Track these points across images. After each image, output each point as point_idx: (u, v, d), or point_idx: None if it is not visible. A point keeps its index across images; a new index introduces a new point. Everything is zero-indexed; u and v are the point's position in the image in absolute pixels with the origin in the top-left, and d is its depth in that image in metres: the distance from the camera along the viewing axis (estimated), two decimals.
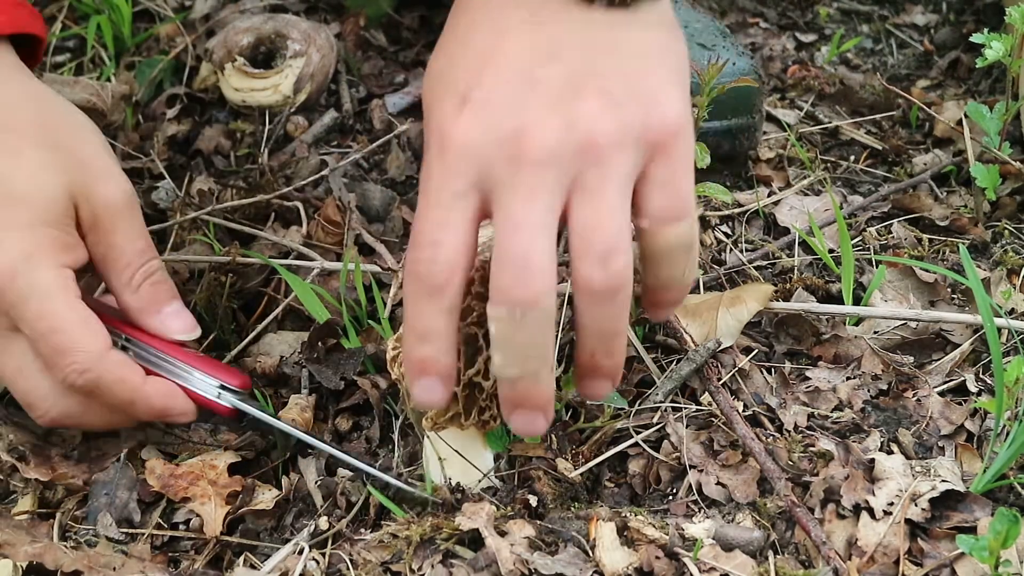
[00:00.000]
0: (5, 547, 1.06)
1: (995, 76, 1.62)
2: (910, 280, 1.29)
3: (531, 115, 0.92)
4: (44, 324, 1.07)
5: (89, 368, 1.08)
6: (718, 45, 1.47)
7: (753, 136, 1.47)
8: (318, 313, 1.25)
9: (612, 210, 0.93)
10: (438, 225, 0.93)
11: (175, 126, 1.57)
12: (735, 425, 1.11)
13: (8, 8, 1.13)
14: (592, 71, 0.93)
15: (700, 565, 1.01)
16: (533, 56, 0.93)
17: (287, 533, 1.11)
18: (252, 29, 1.61)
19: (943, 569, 1.01)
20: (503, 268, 0.92)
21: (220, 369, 1.16)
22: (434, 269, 0.93)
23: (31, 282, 1.06)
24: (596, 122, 0.92)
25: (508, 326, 0.93)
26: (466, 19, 0.98)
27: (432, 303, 0.94)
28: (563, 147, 0.91)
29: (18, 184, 1.07)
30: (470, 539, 1.04)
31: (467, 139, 0.92)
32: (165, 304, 1.15)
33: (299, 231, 1.40)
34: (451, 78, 0.95)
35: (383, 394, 1.22)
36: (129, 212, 1.13)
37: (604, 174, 0.92)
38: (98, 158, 1.13)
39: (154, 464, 1.14)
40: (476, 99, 0.93)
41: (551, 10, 0.95)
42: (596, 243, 0.92)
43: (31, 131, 1.10)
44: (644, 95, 0.94)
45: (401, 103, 1.60)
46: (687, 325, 1.21)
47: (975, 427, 1.13)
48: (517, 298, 0.91)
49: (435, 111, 0.95)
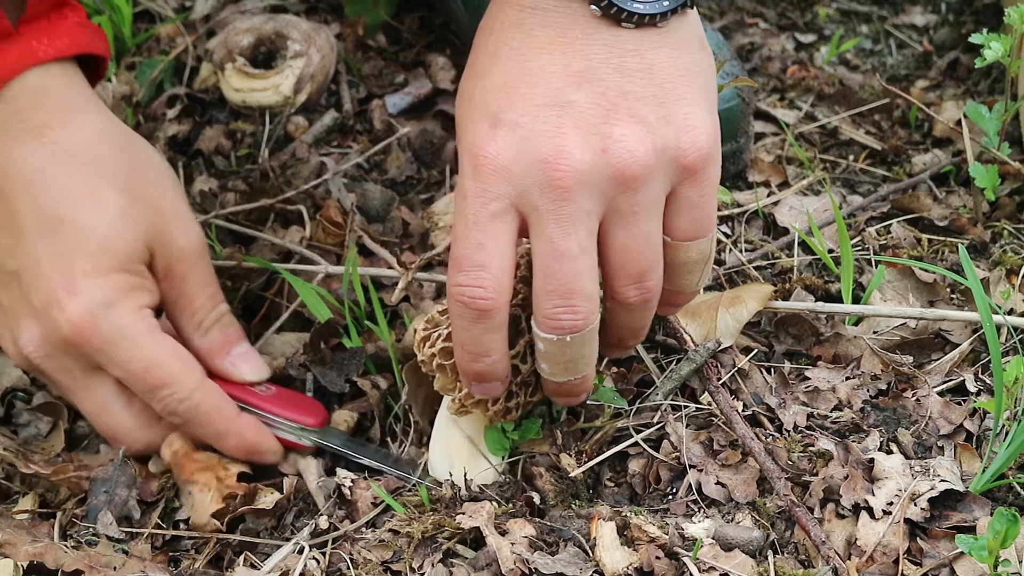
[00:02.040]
0: (6, 547, 1.06)
1: (994, 76, 1.62)
2: (909, 280, 1.29)
3: (565, 140, 0.93)
4: (137, 365, 1.09)
5: (188, 396, 1.11)
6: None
7: (740, 159, 1.45)
8: (321, 315, 1.26)
9: (646, 235, 0.98)
10: (479, 247, 0.95)
11: (175, 126, 1.57)
12: (735, 425, 1.11)
13: (72, 30, 1.11)
14: (623, 94, 0.95)
15: (700, 565, 1.01)
16: (564, 78, 0.95)
17: (287, 532, 1.11)
18: (252, 29, 1.61)
19: (942, 569, 1.01)
20: (548, 296, 0.96)
21: (297, 407, 1.17)
22: (480, 293, 0.96)
23: (115, 327, 1.07)
24: (629, 148, 0.94)
25: (556, 347, 0.99)
26: (494, 40, 0.98)
27: (482, 325, 0.98)
28: (597, 173, 0.94)
29: (99, 232, 1.08)
30: (471, 538, 1.04)
31: (501, 160, 0.94)
32: (234, 346, 1.18)
33: (300, 232, 1.40)
34: (482, 100, 0.96)
35: (384, 394, 1.23)
36: (201, 259, 1.15)
37: (637, 200, 0.96)
38: (174, 206, 1.14)
39: (174, 440, 1.14)
40: (508, 121, 0.94)
41: (580, 30, 0.95)
42: (631, 266, 0.98)
43: (112, 174, 1.10)
44: (676, 119, 0.96)
45: (401, 103, 1.60)
46: (687, 325, 1.21)
47: (974, 427, 1.13)
48: (565, 326, 0.97)
49: (467, 132, 0.96)
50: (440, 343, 1.04)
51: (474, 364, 1.01)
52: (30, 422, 1.24)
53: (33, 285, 1.07)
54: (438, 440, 1.13)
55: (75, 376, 1.10)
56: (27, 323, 1.08)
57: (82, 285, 1.06)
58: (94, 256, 1.07)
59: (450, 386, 1.06)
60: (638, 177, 0.95)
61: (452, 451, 1.11)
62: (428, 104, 1.60)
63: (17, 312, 1.09)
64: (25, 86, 1.08)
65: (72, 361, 1.09)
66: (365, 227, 1.40)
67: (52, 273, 1.06)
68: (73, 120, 1.10)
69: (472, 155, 0.95)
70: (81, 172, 1.09)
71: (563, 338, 0.98)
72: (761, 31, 1.73)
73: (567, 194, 0.93)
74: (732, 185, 1.46)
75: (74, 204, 1.08)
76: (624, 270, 0.99)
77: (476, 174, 0.94)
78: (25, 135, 1.08)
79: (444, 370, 1.05)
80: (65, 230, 1.07)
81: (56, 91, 1.10)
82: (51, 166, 1.08)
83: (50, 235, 1.07)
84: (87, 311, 1.06)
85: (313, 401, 1.20)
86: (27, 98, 1.08)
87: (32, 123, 1.08)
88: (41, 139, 1.08)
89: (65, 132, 1.09)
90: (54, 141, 1.08)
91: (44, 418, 1.24)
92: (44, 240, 1.07)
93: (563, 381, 1.03)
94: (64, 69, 1.11)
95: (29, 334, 1.08)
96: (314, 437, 1.17)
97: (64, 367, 1.09)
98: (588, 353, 1.01)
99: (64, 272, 1.06)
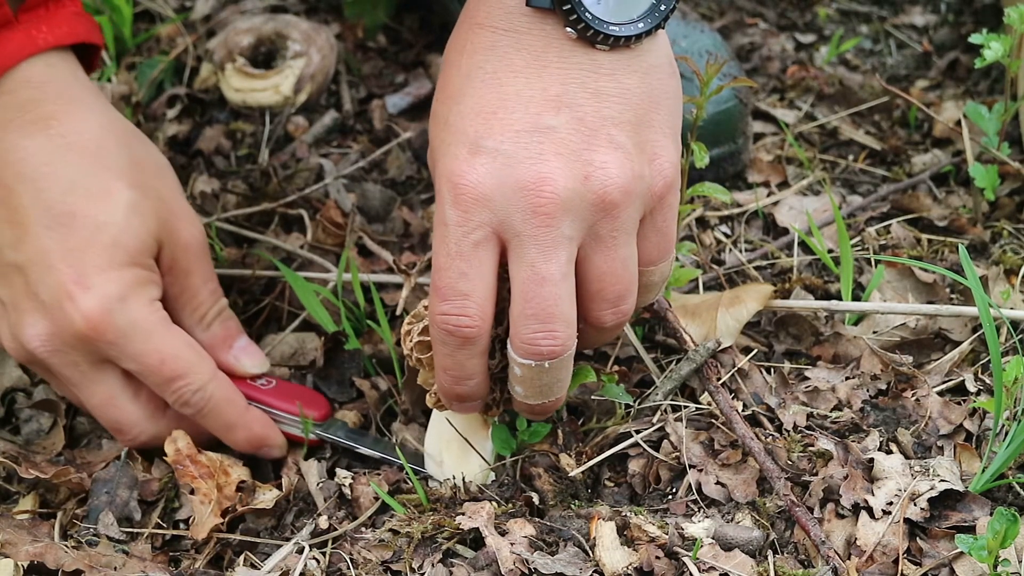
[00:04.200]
0: (6, 547, 1.06)
1: (994, 76, 1.62)
2: (909, 280, 1.29)
3: (547, 166, 0.94)
4: (152, 357, 1.09)
5: (202, 387, 1.11)
6: (695, 79, 1.42)
7: (739, 160, 1.45)
8: (326, 323, 1.26)
9: (624, 260, 0.99)
10: (463, 276, 0.96)
11: (176, 126, 1.57)
12: (734, 425, 1.11)
13: (69, 19, 1.11)
14: (602, 119, 0.95)
15: (700, 565, 1.01)
16: (542, 103, 0.95)
17: (287, 532, 1.11)
18: (252, 30, 1.61)
19: (942, 568, 1.01)
20: (528, 321, 0.97)
21: (300, 401, 1.17)
22: (465, 322, 0.97)
23: (129, 321, 1.08)
24: (611, 175, 0.95)
25: (533, 372, 1.00)
26: (466, 61, 0.98)
27: (465, 351, 0.99)
28: (579, 200, 0.95)
29: (112, 227, 1.08)
30: (471, 538, 1.05)
31: (483, 189, 0.94)
32: (235, 340, 1.18)
33: (300, 239, 1.40)
34: (458, 124, 0.96)
35: (383, 396, 1.23)
36: (204, 254, 1.16)
37: (616, 226, 0.97)
38: (178, 201, 1.15)
39: (179, 438, 1.14)
40: (488, 148, 0.94)
41: (555, 53, 0.95)
42: (608, 291, 0.99)
43: (121, 169, 1.10)
44: (648, 147, 0.98)
45: (401, 103, 1.60)
46: (687, 325, 1.22)
47: (974, 427, 1.13)
48: (544, 351, 0.98)
49: (444, 157, 0.96)
50: (417, 336, 1.04)
51: (456, 387, 1.02)
52: (32, 417, 1.24)
53: (40, 279, 1.07)
54: (431, 436, 1.13)
55: (82, 370, 1.10)
56: (33, 317, 1.08)
57: (95, 279, 1.06)
58: (107, 250, 1.07)
59: (431, 380, 1.06)
60: (618, 203, 0.96)
61: (443, 447, 1.12)
62: (428, 104, 1.59)
63: (20, 306, 1.08)
64: (29, 76, 1.08)
65: (80, 355, 1.09)
66: (365, 227, 1.40)
67: (62, 267, 1.06)
68: (78, 112, 1.10)
69: (452, 183, 0.95)
70: (89, 165, 1.09)
71: (541, 364, 0.98)
72: (761, 31, 1.73)
73: (550, 220, 0.94)
74: (732, 185, 1.46)
75: (84, 198, 1.08)
76: (602, 295, 1.00)
77: (457, 202, 0.94)
78: (30, 127, 1.08)
79: (422, 364, 1.06)
80: (76, 224, 1.07)
81: (60, 82, 1.10)
82: (58, 159, 1.08)
83: (59, 229, 1.07)
84: (101, 305, 1.06)
85: (315, 394, 1.21)
86: (31, 89, 1.08)
87: (37, 114, 1.08)
88: (47, 131, 1.08)
89: (72, 124, 1.09)
90: (61, 134, 1.08)
91: (45, 414, 1.24)
92: (52, 234, 1.07)
93: (536, 403, 1.04)
94: (65, 59, 1.11)
95: (35, 329, 1.08)
96: (317, 430, 1.17)
97: (71, 361, 1.09)
98: (563, 377, 1.02)
99: (75, 266, 1.06)
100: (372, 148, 1.53)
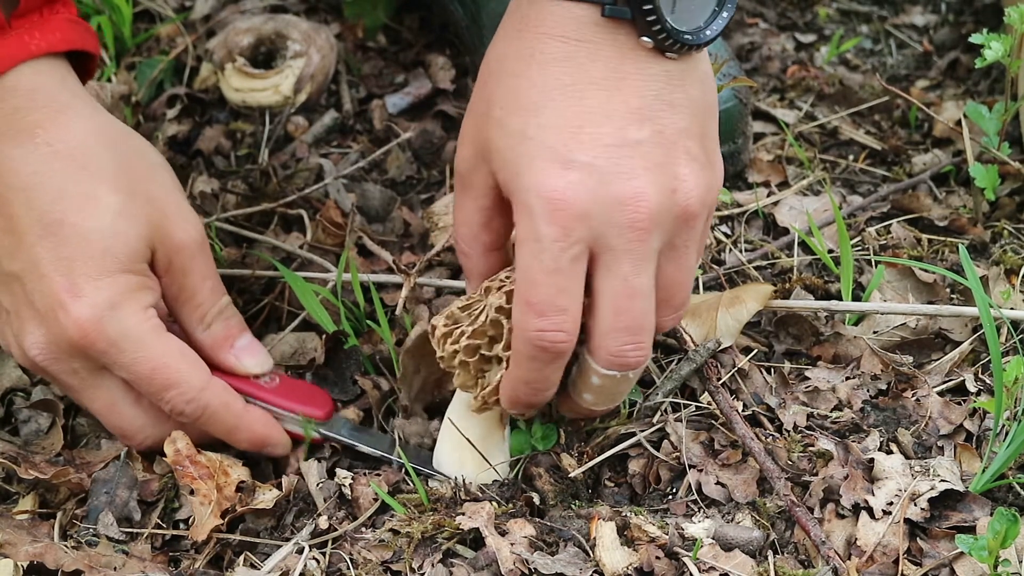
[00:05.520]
0: (6, 547, 1.06)
1: (994, 76, 1.62)
2: (909, 280, 1.29)
3: (640, 181, 0.95)
4: (143, 367, 1.08)
5: (195, 397, 1.10)
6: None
7: (739, 160, 1.45)
8: (326, 323, 1.26)
9: (691, 268, 1.02)
10: (561, 292, 0.96)
11: (175, 126, 1.57)
12: (735, 425, 1.11)
13: (63, 25, 1.11)
14: (678, 131, 0.97)
15: (700, 565, 1.01)
16: (626, 116, 0.96)
17: (287, 532, 1.11)
18: (252, 29, 1.61)
19: (942, 569, 1.01)
20: (620, 334, 0.98)
21: (303, 399, 1.17)
22: (561, 337, 0.98)
23: (120, 330, 1.07)
24: (692, 187, 0.98)
25: (614, 382, 1.02)
26: (538, 73, 0.97)
27: (555, 365, 1.00)
28: (667, 214, 0.97)
29: (100, 234, 1.07)
30: (471, 538, 1.05)
31: (581, 205, 0.95)
32: (237, 339, 1.17)
33: (300, 238, 1.39)
34: (541, 139, 0.96)
35: (384, 396, 1.23)
36: (201, 253, 1.15)
37: (690, 236, 1.00)
38: (172, 200, 1.14)
39: (178, 439, 1.13)
40: (581, 163, 0.95)
41: (632, 64, 0.96)
42: (675, 298, 1.02)
43: (108, 174, 1.09)
44: (712, 157, 1.01)
45: (401, 103, 1.60)
46: (687, 325, 1.21)
47: (974, 427, 1.13)
48: (631, 362, 1.00)
49: (531, 172, 0.96)
50: (464, 340, 1.03)
51: (534, 397, 1.03)
52: (31, 418, 1.23)
53: (35, 288, 1.07)
54: (447, 437, 1.12)
55: (82, 377, 1.10)
56: (31, 326, 1.08)
57: (86, 288, 1.06)
58: (97, 258, 1.07)
59: (470, 383, 1.05)
60: (698, 215, 0.99)
61: (463, 449, 1.11)
62: (428, 104, 1.60)
63: (20, 314, 1.09)
64: (18, 85, 1.07)
65: (78, 362, 1.09)
66: (365, 227, 1.40)
67: (54, 276, 1.06)
68: (65, 119, 1.09)
69: (547, 198, 0.95)
70: (76, 173, 1.08)
71: (625, 374, 1.00)
72: (761, 31, 1.73)
73: (644, 235, 0.96)
74: (732, 185, 1.46)
75: (72, 206, 1.07)
76: (668, 301, 1.02)
77: (554, 218, 0.95)
78: (19, 136, 1.07)
79: (467, 367, 1.04)
80: (65, 233, 1.07)
81: (48, 90, 1.09)
82: (45, 167, 1.07)
83: (50, 238, 1.07)
84: (92, 314, 1.06)
85: (319, 390, 1.20)
86: (20, 98, 1.08)
87: (25, 123, 1.08)
88: (34, 140, 1.07)
89: (57, 132, 1.08)
90: (48, 142, 1.08)
91: (44, 414, 1.24)
92: (43, 243, 1.07)
93: (602, 409, 1.07)
94: (55, 68, 1.10)
95: (33, 337, 1.08)
96: (321, 428, 1.16)
97: (70, 369, 1.09)
98: (632, 385, 1.06)
99: (66, 275, 1.06)
100: (372, 148, 1.53)
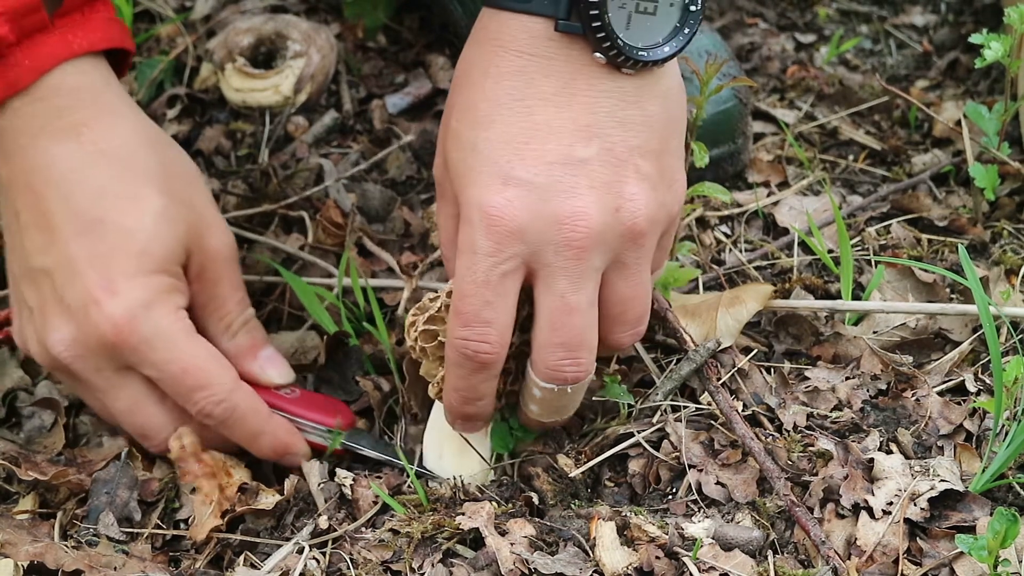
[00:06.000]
0: (6, 547, 1.06)
1: (994, 76, 1.62)
2: (909, 280, 1.29)
3: (580, 200, 0.95)
4: (174, 367, 1.08)
5: (225, 399, 1.10)
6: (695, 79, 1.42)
7: (739, 160, 1.45)
8: (327, 324, 1.26)
9: (645, 284, 1.02)
10: (488, 305, 0.97)
11: (175, 126, 1.57)
12: (734, 425, 1.11)
13: (103, 24, 1.11)
14: (629, 149, 0.97)
15: (700, 565, 1.01)
16: (573, 133, 0.96)
17: (287, 532, 1.11)
18: (252, 30, 1.61)
19: (942, 569, 1.01)
20: (555, 349, 0.99)
21: (324, 410, 1.17)
22: (485, 348, 0.98)
23: (154, 329, 1.07)
24: (638, 207, 0.97)
25: (554, 395, 1.02)
26: (492, 86, 0.97)
27: (481, 376, 1.01)
28: (610, 232, 0.97)
29: (141, 233, 1.08)
30: (471, 538, 1.05)
31: (518, 221, 0.95)
32: (261, 349, 1.18)
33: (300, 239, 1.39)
34: (488, 153, 0.96)
35: (385, 396, 1.23)
36: (232, 263, 1.16)
37: (640, 254, 1.00)
38: (208, 209, 1.15)
39: (185, 435, 1.13)
40: (521, 180, 0.95)
41: (585, 80, 0.96)
42: (630, 314, 1.02)
43: (152, 176, 1.10)
44: (667, 176, 1.01)
45: (401, 103, 1.60)
46: (687, 325, 1.22)
47: (974, 427, 1.13)
48: (568, 377, 1.00)
49: (474, 185, 0.97)
50: (422, 326, 1.04)
51: (465, 407, 1.04)
52: (34, 414, 1.24)
53: (67, 284, 1.06)
54: (431, 430, 1.13)
55: (106, 375, 1.09)
56: (58, 321, 1.07)
57: (122, 285, 1.06)
58: (135, 257, 1.07)
59: (433, 371, 1.06)
60: (645, 233, 0.98)
61: (443, 441, 1.12)
62: (428, 104, 1.60)
63: (46, 311, 1.08)
64: (61, 82, 1.07)
65: (104, 361, 1.08)
66: (365, 227, 1.40)
67: (89, 273, 1.06)
68: (111, 119, 1.10)
69: (485, 213, 0.95)
70: (121, 173, 1.09)
71: (563, 388, 1.01)
72: (761, 31, 1.73)
73: (582, 253, 0.96)
74: (732, 185, 1.46)
75: (113, 205, 1.07)
76: (623, 317, 1.02)
77: (489, 233, 0.95)
78: (61, 133, 1.07)
79: (426, 354, 1.06)
80: (105, 230, 1.07)
81: (92, 88, 1.09)
82: (88, 166, 1.07)
83: (88, 235, 1.06)
84: (127, 311, 1.06)
85: (339, 403, 1.20)
86: (64, 96, 1.07)
87: (69, 121, 1.08)
88: (78, 138, 1.08)
89: (103, 131, 1.09)
90: (92, 141, 1.08)
91: (47, 411, 1.24)
92: (81, 240, 1.06)
93: (548, 421, 1.08)
94: (97, 67, 1.10)
95: (60, 334, 1.07)
96: (342, 439, 1.17)
97: (95, 367, 1.09)
98: (578, 398, 1.06)
99: (103, 272, 1.06)
100: (372, 148, 1.53)
